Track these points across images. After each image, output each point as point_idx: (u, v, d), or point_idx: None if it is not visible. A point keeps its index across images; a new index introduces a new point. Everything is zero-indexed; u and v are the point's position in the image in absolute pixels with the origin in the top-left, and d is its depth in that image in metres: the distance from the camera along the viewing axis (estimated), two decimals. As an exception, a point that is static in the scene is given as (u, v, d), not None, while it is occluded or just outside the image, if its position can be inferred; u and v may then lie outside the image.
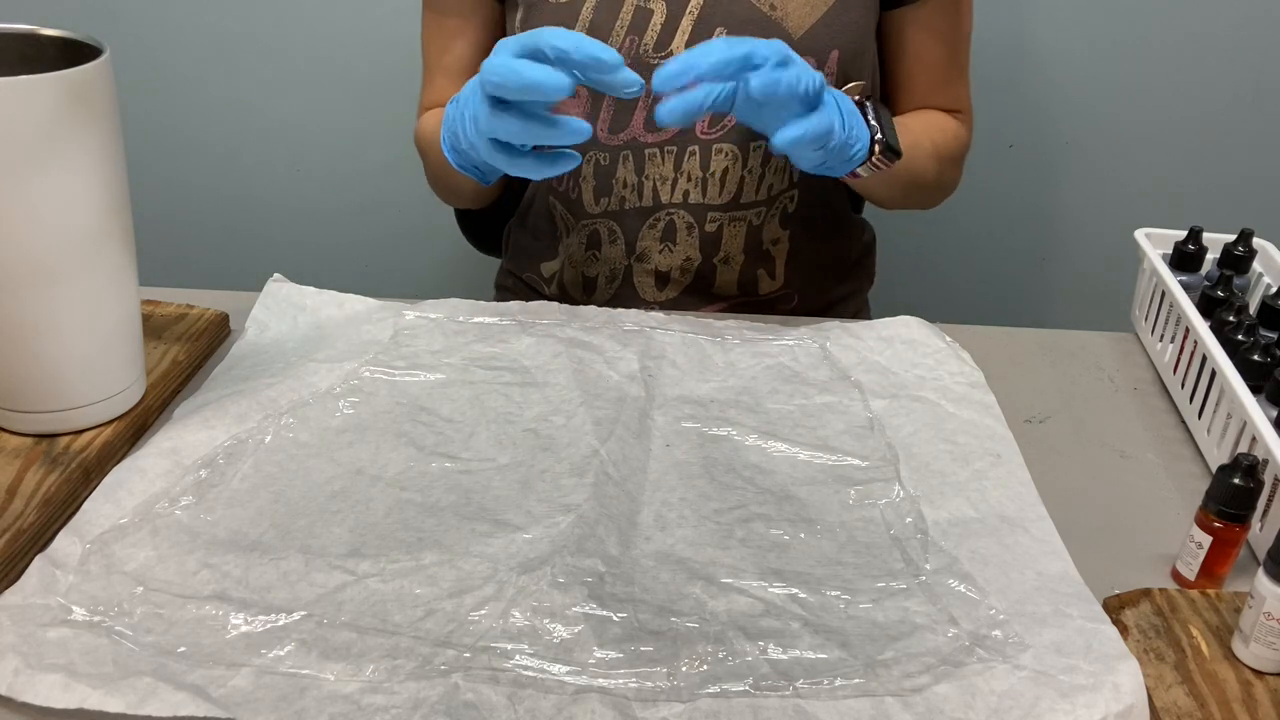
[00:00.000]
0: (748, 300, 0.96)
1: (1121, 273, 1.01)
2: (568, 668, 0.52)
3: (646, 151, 0.88)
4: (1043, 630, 0.55)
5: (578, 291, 0.98)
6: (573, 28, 0.84)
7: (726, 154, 0.89)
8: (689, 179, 0.89)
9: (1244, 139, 1.49)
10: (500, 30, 0.93)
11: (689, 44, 0.85)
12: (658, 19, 0.85)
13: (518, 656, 0.52)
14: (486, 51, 0.83)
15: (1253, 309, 0.79)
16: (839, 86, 0.89)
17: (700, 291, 0.95)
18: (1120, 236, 0.98)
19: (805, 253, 0.96)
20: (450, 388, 0.73)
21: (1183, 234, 0.83)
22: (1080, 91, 1.47)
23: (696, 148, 0.88)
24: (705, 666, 0.52)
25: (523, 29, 0.86)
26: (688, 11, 0.84)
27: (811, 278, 0.98)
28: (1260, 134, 1.49)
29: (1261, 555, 0.56)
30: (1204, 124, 1.48)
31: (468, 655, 0.52)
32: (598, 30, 0.84)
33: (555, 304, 0.83)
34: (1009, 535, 0.62)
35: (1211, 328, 0.73)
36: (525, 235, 1.04)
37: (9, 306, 0.61)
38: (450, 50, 0.95)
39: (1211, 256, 0.83)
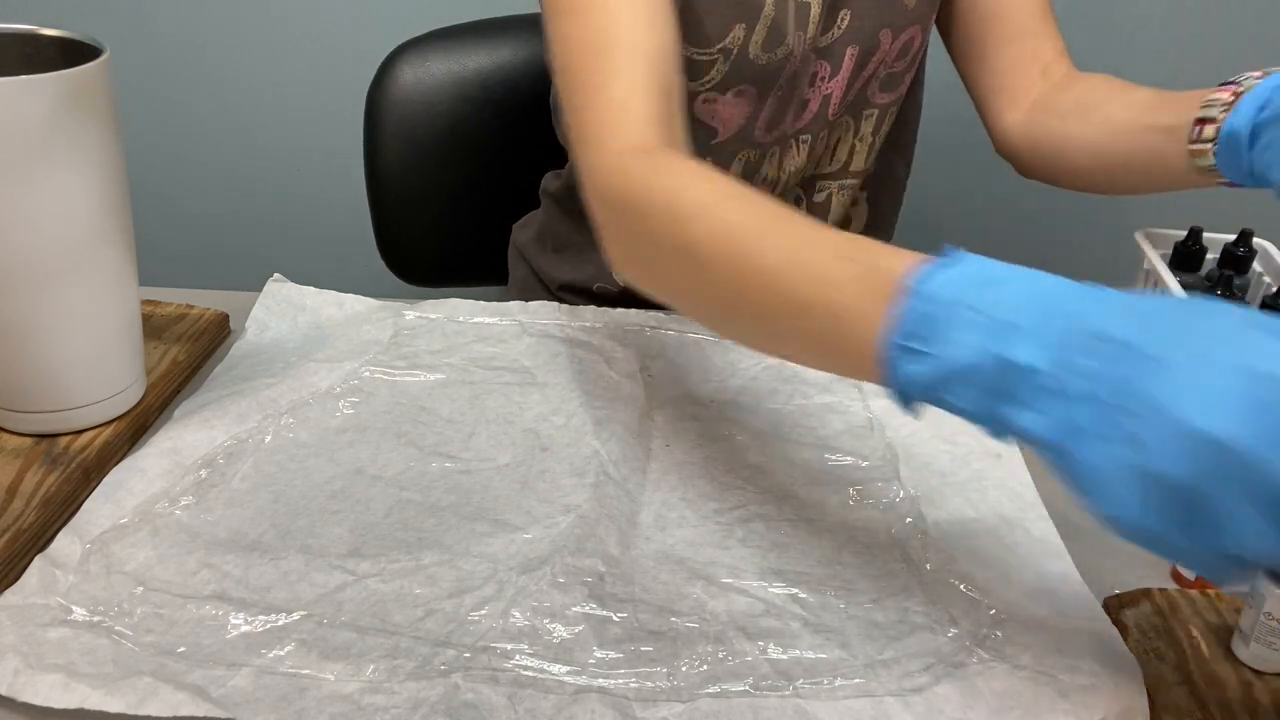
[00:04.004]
0: None
1: (1121, 273, 1.01)
2: (568, 668, 0.52)
3: (789, 143, 0.87)
4: (1043, 630, 0.55)
5: None
6: (755, 22, 0.79)
7: (843, 125, 0.88)
8: (814, 163, 0.89)
9: (1244, 139, 1.49)
10: None
11: (822, 31, 0.82)
12: (815, 11, 0.80)
13: (518, 656, 0.52)
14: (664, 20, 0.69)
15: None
16: (965, 62, 0.88)
17: None
18: (1120, 236, 0.98)
19: (870, 217, 0.97)
20: (450, 388, 0.73)
21: (1183, 234, 0.83)
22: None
23: (826, 131, 0.88)
24: (705, 666, 0.52)
25: (683, 18, 0.75)
26: None
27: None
28: (1260, 134, 1.49)
29: (1261, 555, 0.56)
30: (1204, 124, 1.48)
31: (468, 655, 0.52)
32: (777, 26, 0.79)
33: (555, 304, 0.83)
34: (1009, 535, 0.62)
35: (1211, 328, 0.73)
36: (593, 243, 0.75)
37: (9, 306, 0.61)
38: (657, 9, 0.68)
39: (1211, 256, 0.83)
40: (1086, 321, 0.40)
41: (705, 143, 0.86)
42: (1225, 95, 0.68)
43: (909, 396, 0.46)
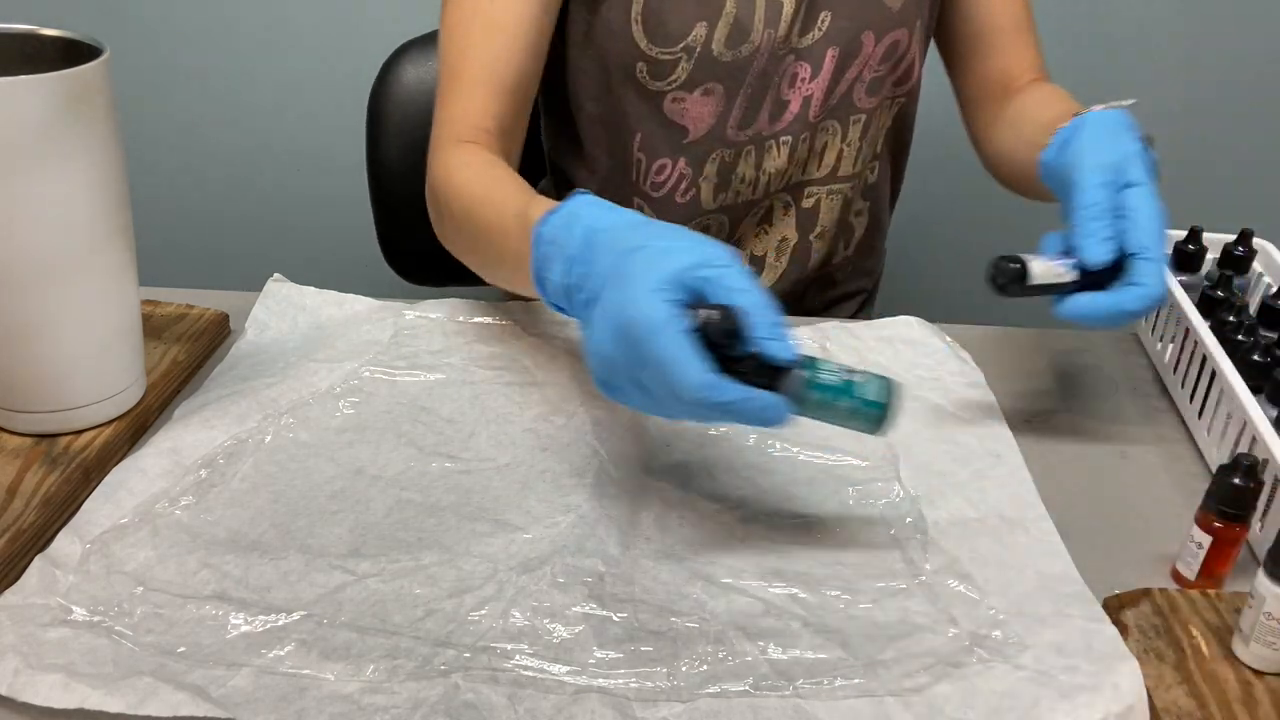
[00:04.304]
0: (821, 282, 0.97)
1: (1121, 273, 1.01)
2: (568, 668, 0.52)
3: (766, 144, 0.87)
4: (1043, 630, 0.55)
5: None
6: (717, 19, 0.81)
7: (829, 129, 0.88)
8: (799, 166, 0.89)
9: (1244, 139, 1.49)
10: (557, 10, 0.82)
11: (800, 32, 0.83)
12: (788, 9, 0.82)
13: (518, 656, 0.52)
14: (544, 36, 0.81)
15: (1253, 309, 0.79)
16: (953, 63, 0.91)
17: (794, 277, 0.94)
18: (1120, 236, 0.97)
19: (872, 226, 0.98)
20: (450, 388, 0.73)
21: (1183, 234, 0.83)
22: (1079, 91, 1.47)
23: (809, 134, 0.88)
24: (705, 666, 0.52)
25: (644, 17, 0.81)
26: None
27: (873, 249, 1.00)
28: (1260, 134, 1.49)
29: (1261, 555, 0.56)
30: (1204, 124, 1.48)
31: (468, 655, 0.52)
32: (740, 23, 0.81)
33: None
34: (1009, 535, 0.62)
35: (1211, 328, 0.73)
36: None
37: (9, 306, 0.61)
38: (503, 46, 0.79)
39: (1211, 256, 0.83)
40: (593, 254, 0.56)
41: (677, 142, 0.86)
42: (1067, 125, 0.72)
43: (561, 311, 0.61)
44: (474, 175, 0.74)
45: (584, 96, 0.88)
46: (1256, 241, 0.82)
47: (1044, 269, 0.65)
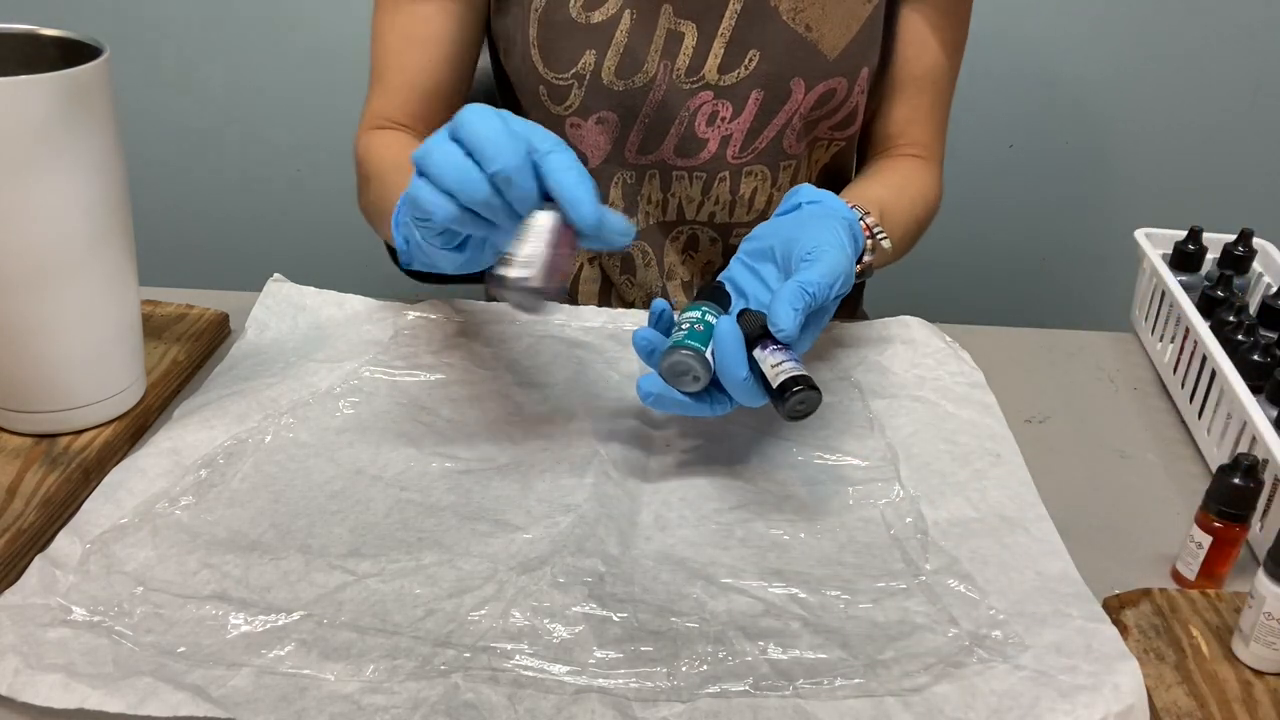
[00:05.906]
0: None
1: (1121, 273, 1.01)
2: (568, 668, 0.52)
3: (676, 174, 0.87)
4: (1043, 630, 0.55)
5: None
6: (606, 49, 0.81)
7: (757, 175, 0.87)
8: (716, 202, 0.88)
9: (1244, 139, 1.49)
10: (480, 24, 0.87)
11: (721, 68, 0.83)
12: (689, 41, 0.82)
13: (518, 656, 0.52)
14: (464, 49, 0.86)
15: (1253, 309, 0.79)
16: (868, 106, 0.89)
17: None
18: (1120, 236, 0.98)
19: None
20: (450, 388, 0.73)
21: (1183, 234, 0.83)
22: (1080, 91, 1.47)
23: (727, 173, 0.86)
24: (705, 666, 0.52)
25: (540, 43, 0.83)
26: (719, 34, 0.82)
27: None
28: (1260, 134, 1.49)
29: (1261, 555, 0.56)
30: (1204, 124, 1.48)
31: (468, 655, 0.52)
32: (632, 53, 0.81)
33: (554, 304, 0.83)
34: (1009, 535, 0.62)
35: (1211, 328, 0.73)
36: None
37: (9, 306, 0.61)
38: (419, 57, 0.85)
39: (1211, 256, 0.83)
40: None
41: None
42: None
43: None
44: (381, 154, 0.83)
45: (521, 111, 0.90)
46: (1256, 241, 0.82)
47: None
